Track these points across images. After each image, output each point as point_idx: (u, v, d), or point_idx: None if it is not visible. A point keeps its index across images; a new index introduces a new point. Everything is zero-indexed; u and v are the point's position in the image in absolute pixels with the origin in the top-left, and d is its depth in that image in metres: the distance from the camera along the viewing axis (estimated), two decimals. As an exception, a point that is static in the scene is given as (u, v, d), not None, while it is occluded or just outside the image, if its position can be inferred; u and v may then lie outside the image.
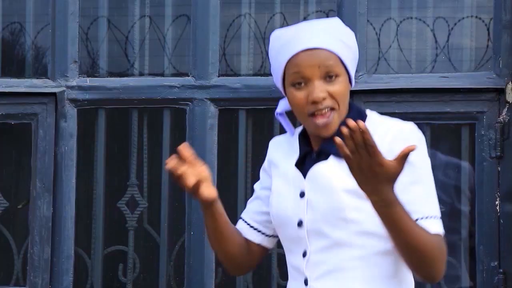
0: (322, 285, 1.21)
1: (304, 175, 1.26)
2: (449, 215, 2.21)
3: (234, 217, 2.31)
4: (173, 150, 2.39)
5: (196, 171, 1.29)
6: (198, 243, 2.27)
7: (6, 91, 2.37)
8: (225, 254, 1.38)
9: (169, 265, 2.37)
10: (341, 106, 1.23)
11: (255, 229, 1.39)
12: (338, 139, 1.06)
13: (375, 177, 1.07)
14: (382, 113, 2.16)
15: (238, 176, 2.31)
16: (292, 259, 1.28)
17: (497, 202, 2.09)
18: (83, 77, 2.38)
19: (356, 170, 1.07)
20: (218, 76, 2.31)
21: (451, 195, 2.21)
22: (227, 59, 2.38)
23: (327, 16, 2.30)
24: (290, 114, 1.31)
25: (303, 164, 1.28)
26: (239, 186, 2.31)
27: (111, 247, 2.43)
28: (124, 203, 2.39)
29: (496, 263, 2.08)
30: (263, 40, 2.32)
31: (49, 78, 2.39)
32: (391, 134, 1.19)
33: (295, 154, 1.30)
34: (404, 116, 2.14)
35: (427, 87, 2.14)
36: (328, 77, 1.21)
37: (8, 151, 2.56)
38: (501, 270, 2.08)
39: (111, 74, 2.44)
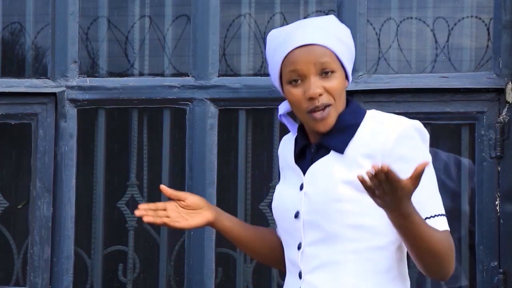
0: (315, 278, 1.22)
1: (304, 168, 1.27)
2: (449, 215, 2.21)
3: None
4: (173, 150, 2.40)
5: (178, 208, 1.36)
6: (198, 243, 2.27)
7: (6, 91, 2.37)
8: (261, 257, 1.40)
9: (169, 265, 2.37)
10: (337, 101, 1.24)
11: None
12: (360, 176, 1.07)
13: (395, 197, 1.08)
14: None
15: (238, 176, 2.31)
16: (289, 253, 1.29)
17: (497, 202, 2.09)
18: (83, 77, 2.38)
19: (379, 199, 1.09)
20: (218, 76, 2.31)
21: (451, 193, 2.21)
22: (227, 59, 2.38)
23: (327, 16, 2.31)
24: (292, 114, 1.32)
25: (304, 158, 1.29)
26: (239, 186, 2.31)
27: (111, 247, 2.43)
28: (124, 203, 2.39)
29: (496, 263, 2.08)
30: (263, 40, 2.32)
31: (49, 78, 2.39)
32: (396, 132, 1.20)
33: (292, 149, 1.33)
34: (404, 116, 2.16)
35: (427, 87, 2.14)
36: (324, 73, 1.22)
37: (8, 151, 2.56)
38: (501, 270, 2.08)
39: (111, 74, 2.44)
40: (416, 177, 1.07)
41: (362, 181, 1.07)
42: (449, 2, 2.24)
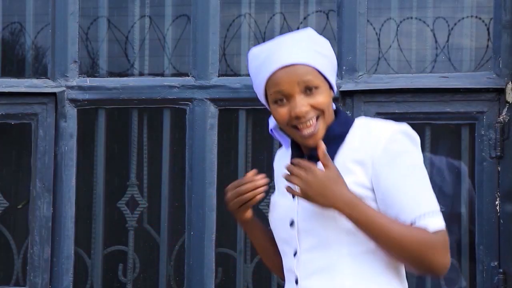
0: (311, 283, 1.22)
1: None
2: (449, 215, 2.21)
3: (234, 217, 2.31)
4: (173, 150, 2.40)
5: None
6: (198, 243, 2.27)
7: (6, 91, 2.37)
8: (276, 268, 1.40)
9: (169, 265, 2.37)
10: (326, 114, 1.25)
11: None
12: (284, 175, 1.21)
13: (318, 186, 1.17)
14: (382, 113, 2.17)
15: (238, 176, 2.31)
16: (286, 261, 1.30)
17: (497, 202, 2.09)
18: (83, 77, 2.38)
19: (305, 191, 1.18)
20: (218, 76, 2.31)
21: (450, 197, 2.21)
22: (227, 59, 2.38)
23: (327, 17, 2.31)
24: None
25: None
26: (239, 186, 2.31)
27: (111, 247, 2.43)
28: (124, 203, 2.39)
29: (496, 263, 2.08)
30: (263, 40, 2.32)
31: (49, 78, 2.40)
32: (384, 137, 1.20)
33: (288, 161, 1.33)
34: (404, 116, 2.16)
35: (427, 87, 2.14)
36: (308, 90, 1.23)
37: (8, 151, 2.56)
38: (501, 270, 2.08)
39: (111, 74, 2.44)
40: (323, 158, 1.18)
41: (289, 190, 1.20)
42: (449, 2, 2.24)
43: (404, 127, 1.24)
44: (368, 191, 1.20)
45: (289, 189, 1.21)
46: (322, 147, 1.19)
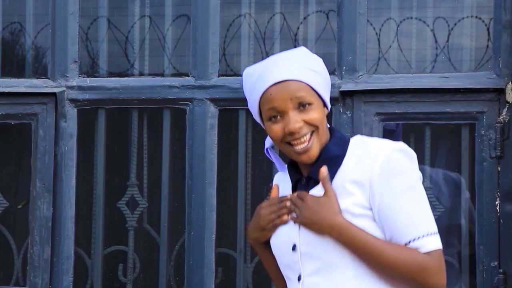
0: None
1: None
2: (449, 216, 2.21)
3: (234, 217, 2.32)
4: (173, 150, 2.40)
5: None
6: (198, 243, 2.27)
7: (6, 91, 2.37)
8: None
9: (169, 265, 2.37)
10: (320, 130, 1.26)
11: None
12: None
13: (308, 213, 1.21)
14: (382, 113, 2.17)
15: (238, 176, 2.31)
16: (291, 286, 1.30)
17: (497, 202, 2.09)
18: (83, 77, 2.38)
19: (299, 219, 1.23)
20: (218, 76, 2.31)
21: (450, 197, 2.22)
22: (227, 59, 2.38)
23: (327, 17, 2.31)
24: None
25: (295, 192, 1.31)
26: (239, 186, 2.31)
27: (111, 247, 2.43)
28: (124, 203, 2.39)
29: (496, 263, 2.08)
30: (263, 40, 2.32)
31: (49, 78, 2.39)
32: (381, 157, 1.21)
33: (288, 184, 1.34)
34: (404, 116, 2.16)
35: (427, 87, 2.14)
36: (302, 106, 1.24)
37: (8, 151, 2.56)
38: (501, 270, 2.08)
39: (111, 74, 2.44)
40: (324, 182, 1.21)
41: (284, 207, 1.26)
42: (449, 2, 2.24)
43: (401, 145, 1.24)
44: (367, 211, 1.20)
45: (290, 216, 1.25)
46: (324, 172, 1.21)
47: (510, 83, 2.08)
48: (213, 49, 2.30)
